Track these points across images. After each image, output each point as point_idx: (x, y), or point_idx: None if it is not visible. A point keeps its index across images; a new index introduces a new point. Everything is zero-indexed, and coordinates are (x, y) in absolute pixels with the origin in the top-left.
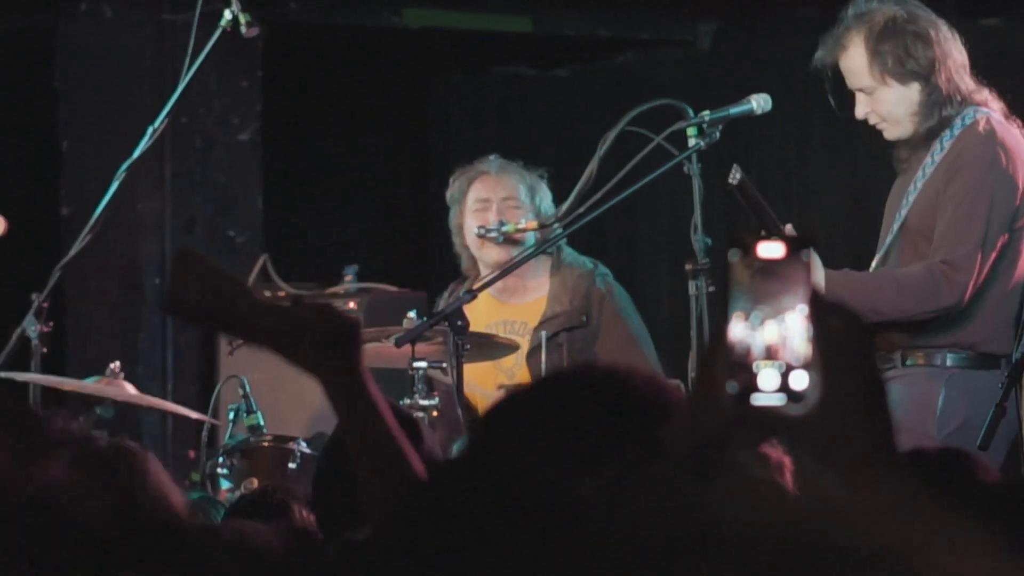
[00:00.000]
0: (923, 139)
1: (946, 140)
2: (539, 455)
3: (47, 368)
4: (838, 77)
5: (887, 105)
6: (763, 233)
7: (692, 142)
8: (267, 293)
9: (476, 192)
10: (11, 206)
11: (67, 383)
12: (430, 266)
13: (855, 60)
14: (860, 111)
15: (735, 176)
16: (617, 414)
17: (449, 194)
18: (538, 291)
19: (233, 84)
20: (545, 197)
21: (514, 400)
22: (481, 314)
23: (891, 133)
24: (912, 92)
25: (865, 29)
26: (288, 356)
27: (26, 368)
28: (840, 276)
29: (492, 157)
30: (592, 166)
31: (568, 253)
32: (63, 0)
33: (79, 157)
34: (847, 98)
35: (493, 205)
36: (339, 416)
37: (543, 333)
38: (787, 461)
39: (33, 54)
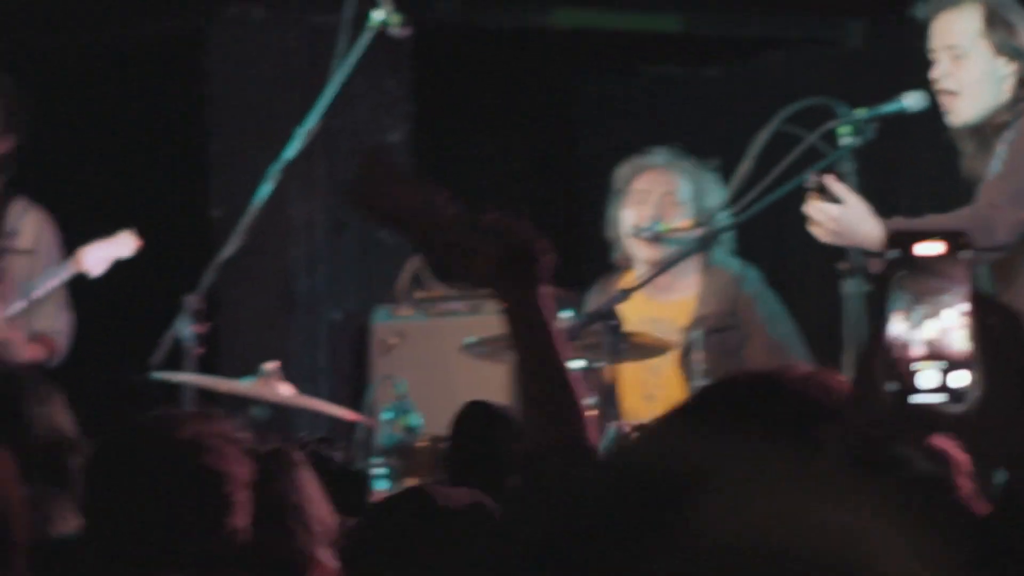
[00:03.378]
0: (993, 129)
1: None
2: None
3: (202, 369)
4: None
5: (973, 74)
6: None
7: (845, 141)
8: (419, 294)
9: (638, 183)
10: (162, 209)
11: (224, 384)
12: (581, 266)
13: (964, 19)
14: (938, 71)
15: (813, 181)
16: (779, 417)
17: (613, 181)
18: (687, 290)
19: (382, 85)
20: (712, 195)
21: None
22: (630, 311)
23: (958, 112)
24: (1002, 68)
25: None
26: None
27: (180, 369)
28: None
29: (663, 149)
30: (745, 166)
31: (718, 253)
32: (212, 3)
33: (229, 160)
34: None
35: (652, 198)
36: (511, 336)
37: (697, 332)
38: (963, 458)
39: (182, 58)
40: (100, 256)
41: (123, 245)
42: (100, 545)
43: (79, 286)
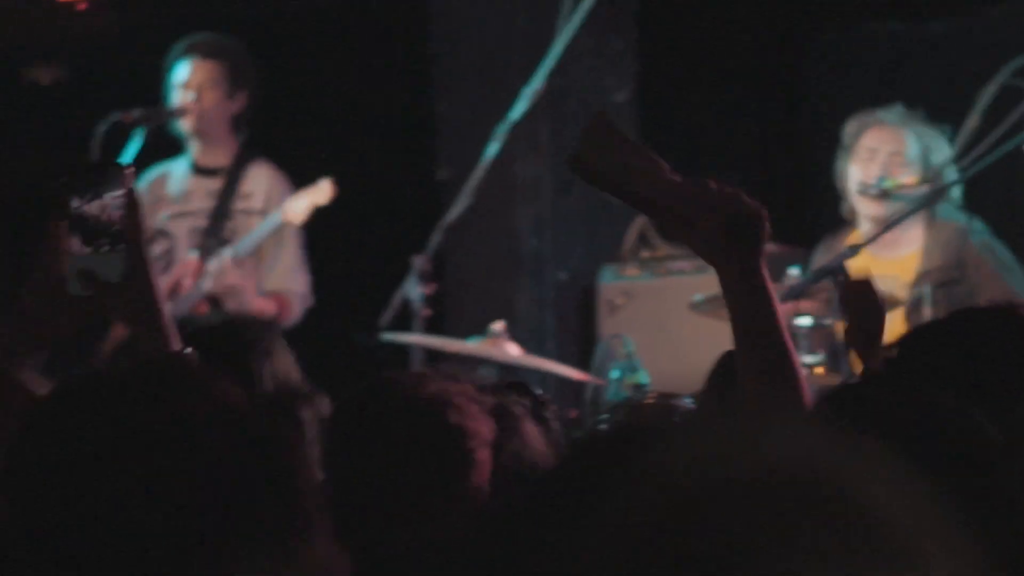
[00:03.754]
0: None
1: None
2: (946, 390)
3: (429, 330)
4: None
5: None
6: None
7: None
8: (646, 254)
9: (866, 140)
10: (388, 170)
11: (452, 344)
12: (808, 222)
13: None
14: None
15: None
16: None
17: (842, 136)
18: (911, 245)
19: (607, 45)
20: (939, 152)
21: (923, 331)
22: (855, 269)
23: None
24: None
25: None
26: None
27: (408, 330)
28: None
29: (896, 106)
30: (973, 121)
31: (943, 208)
32: None
33: (455, 121)
34: None
35: (880, 156)
36: (731, 304)
37: (926, 287)
38: None
39: (408, 18)
40: (301, 205)
41: (321, 193)
42: (342, 500)
43: (309, 245)
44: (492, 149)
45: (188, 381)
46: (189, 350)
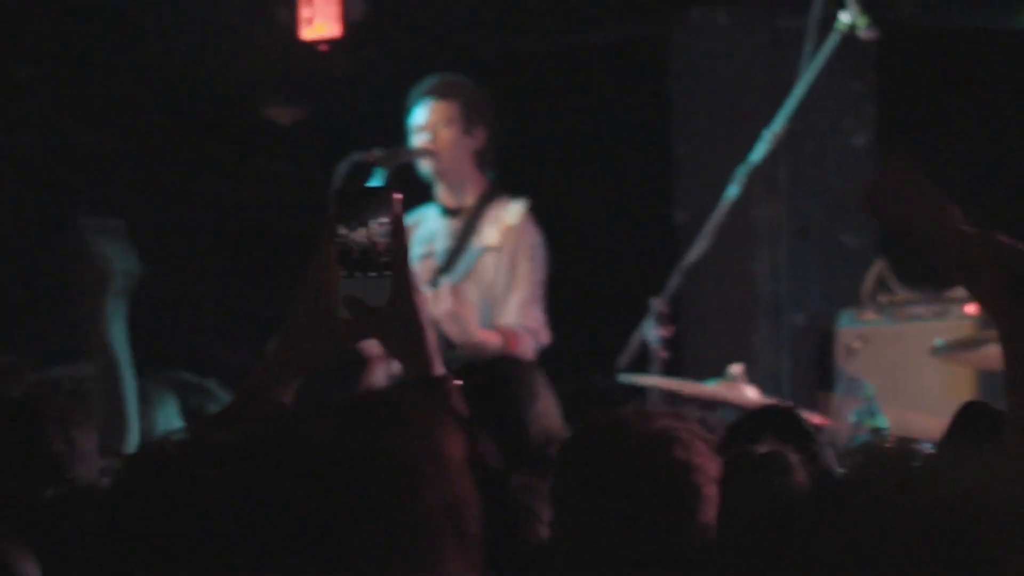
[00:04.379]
0: None
1: None
2: None
3: (667, 372)
4: None
5: None
6: None
7: None
8: (884, 298)
9: None
10: (626, 212)
11: (689, 386)
12: None
13: None
14: None
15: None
16: None
17: None
18: None
19: (847, 88)
20: None
21: None
22: None
23: None
24: None
25: None
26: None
27: (645, 372)
28: None
29: None
30: None
31: None
32: (677, 8)
33: (693, 164)
34: None
35: None
36: (1006, 360)
37: None
38: None
39: (647, 62)
40: (496, 226)
41: (514, 213)
42: (569, 534)
43: (547, 286)
44: (730, 192)
45: (409, 413)
46: (455, 380)
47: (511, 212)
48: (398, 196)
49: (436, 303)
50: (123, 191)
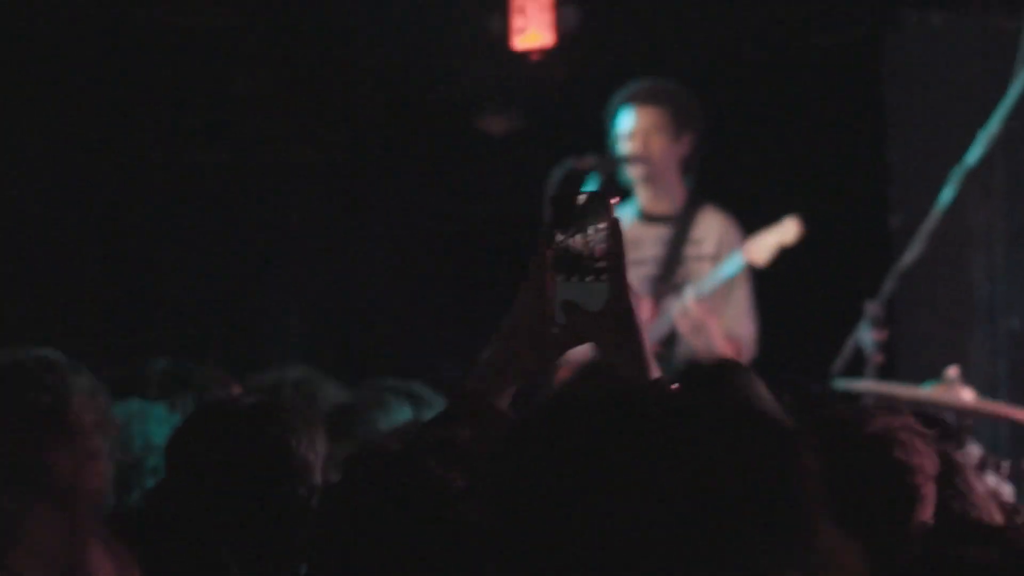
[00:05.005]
0: None
1: None
2: None
3: (882, 376)
4: None
5: None
6: None
7: None
8: None
9: None
10: (841, 216)
11: (905, 390)
12: None
13: None
14: None
15: None
16: None
17: None
18: None
19: None
20: None
21: None
22: None
23: None
24: None
25: None
26: None
27: (860, 376)
28: None
29: None
30: None
31: None
32: (891, 11)
33: (908, 167)
34: None
35: None
36: None
37: None
38: None
39: (861, 65)
40: (764, 245)
41: (787, 231)
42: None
43: (760, 291)
44: (946, 195)
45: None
46: (674, 384)
47: (787, 232)
48: (614, 200)
49: (682, 315)
50: (341, 205)
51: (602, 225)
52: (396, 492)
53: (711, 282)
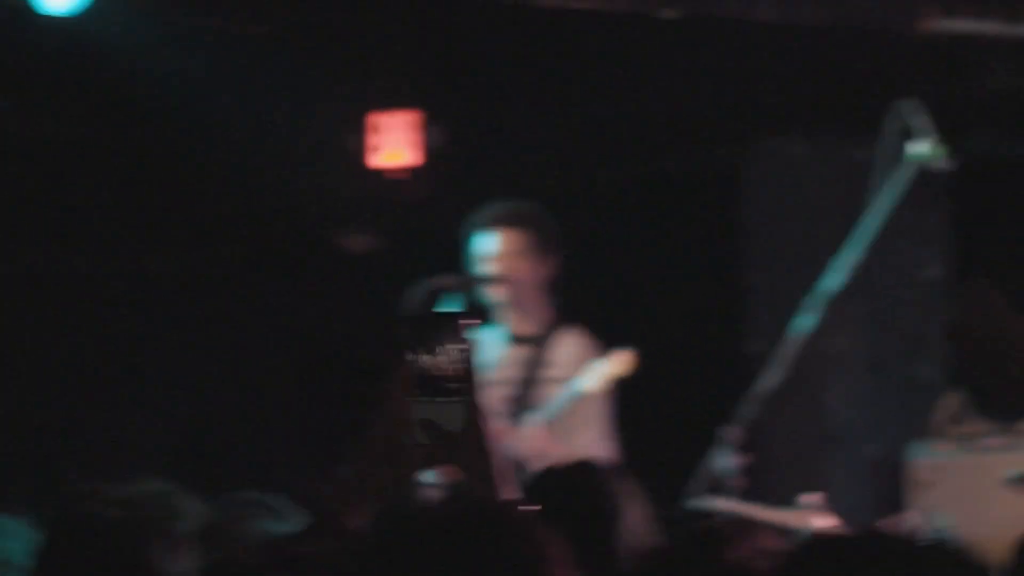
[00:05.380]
0: None
1: None
2: None
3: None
4: None
5: None
6: None
7: None
8: (956, 432)
9: None
10: (698, 339)
11: (762, 512)
12: None
13: None
14: None
15: None
16: None
17: None
18: None
19: (921, 220)
20: None
21: None
22: None
23: None
24: None
25: None
26: None
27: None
28: None
29: None
30: None
31: None
32: (749, 138)
33: (765, 292)
34: None
35: None
36: None
37: None
38: None
39: (718, 190)
40: (598, 374)
41: (619, 363)
42: None
43: (623, 415)
44: (804, 321)
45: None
46: (524, 504)
47: (620, 363)
48: (470, 322)
49: (524, 441)
50: (195, 319)
51: (456, 346)
52: None
53: (553, 408)
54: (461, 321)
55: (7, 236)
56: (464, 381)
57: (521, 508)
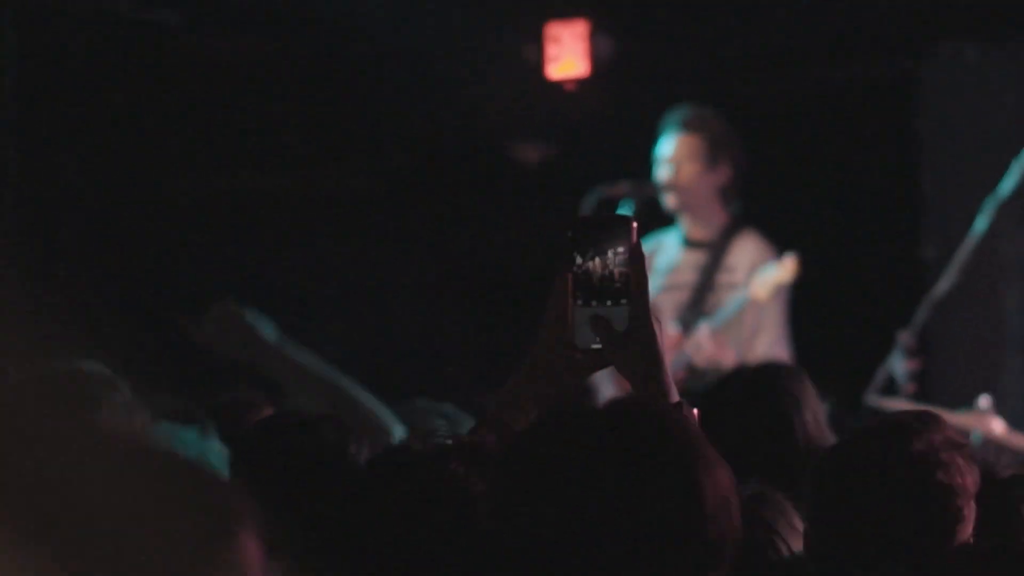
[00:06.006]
0: None
1: None
2: None
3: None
4: None
5: None
6: None
7: None
8: None
9: None
10: (874, 247)
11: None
12: None
13: None
14: None
15: None
16: None
17: None
18: None
19: None
20: None
21: None
22: None
23: None
24: None
25: None
26: None
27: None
28: None
29: None
30: None
31: None
32: (924, 43)
33: (941, 198)
34: None
35: None
36: None
37: None
38: None
39: (894, 98)
40: (764, 281)
41: (784, 270)
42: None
43: (802, 318)
44: (979, 226)
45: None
46: (688, 407)
47: (785, 270)
48: (634, 224)
49: (696, 348)
50: (374, 232)
51: (621, 249)
52: (416, 490)
53: (723, 315)
54: (626, 222)
55: (188, 158)
56: (627, 285)
57: (687, 411)
